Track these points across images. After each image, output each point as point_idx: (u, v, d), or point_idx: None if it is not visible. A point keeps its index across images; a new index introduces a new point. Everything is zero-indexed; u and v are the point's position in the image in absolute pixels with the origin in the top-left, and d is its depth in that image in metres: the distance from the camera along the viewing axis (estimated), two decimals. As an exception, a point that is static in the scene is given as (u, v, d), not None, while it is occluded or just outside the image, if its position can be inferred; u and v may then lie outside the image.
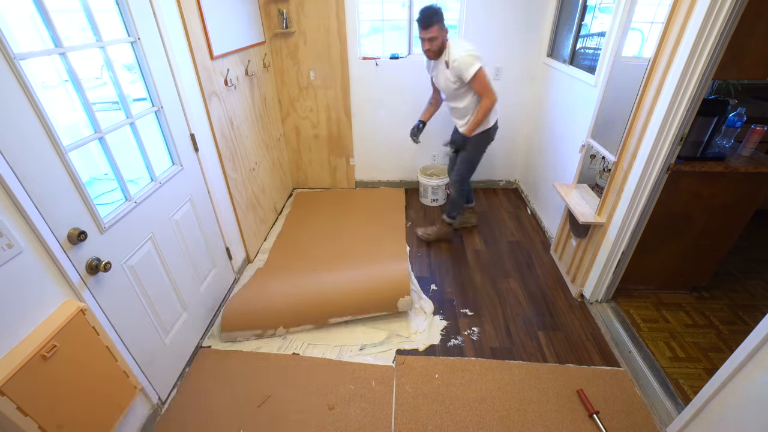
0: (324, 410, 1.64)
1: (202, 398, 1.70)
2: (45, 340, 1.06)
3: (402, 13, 2.90)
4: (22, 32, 1.36)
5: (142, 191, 1.55)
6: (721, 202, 1.84)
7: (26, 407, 1.01)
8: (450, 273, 2.46)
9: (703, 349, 1.85)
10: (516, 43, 2.88)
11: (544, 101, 2.89)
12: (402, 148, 3.38)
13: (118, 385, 1.36)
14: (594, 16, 2.24)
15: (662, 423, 1.54)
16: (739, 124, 1.90)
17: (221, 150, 2.13)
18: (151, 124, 1.65)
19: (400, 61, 2.99)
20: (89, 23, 1.32)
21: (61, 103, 1.80)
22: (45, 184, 1.12)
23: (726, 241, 1.95)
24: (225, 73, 2.18)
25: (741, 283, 2.26)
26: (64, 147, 1.18)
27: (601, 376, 1.75)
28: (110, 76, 1.42)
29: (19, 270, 1.05)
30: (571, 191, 2.20)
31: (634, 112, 1.68)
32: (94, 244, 1.29)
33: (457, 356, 1.88)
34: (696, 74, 1.43)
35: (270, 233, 2.91)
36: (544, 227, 2.87)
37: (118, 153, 1.43)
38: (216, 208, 2.11)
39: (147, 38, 1.54)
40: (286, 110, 3.20)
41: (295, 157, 3.44)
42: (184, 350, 1.83)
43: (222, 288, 2.22)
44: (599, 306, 2.11)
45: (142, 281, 1.53)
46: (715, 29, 1.35)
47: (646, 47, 1.67)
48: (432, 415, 1.62)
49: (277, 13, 2.76)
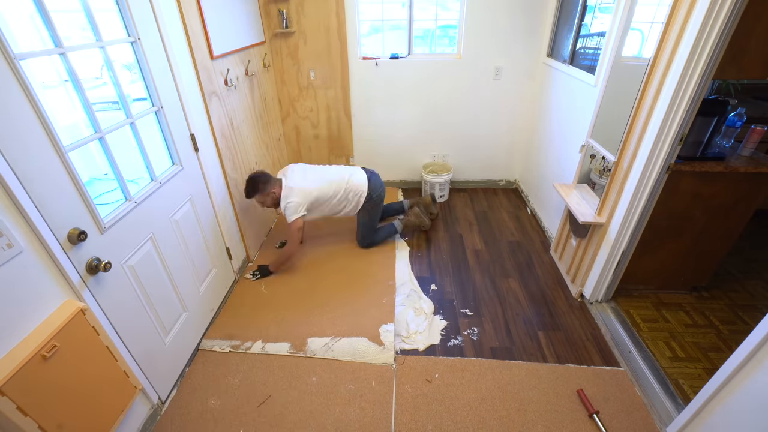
0: (324, 410, 1.64)
1: (202, 398, 1.70)
2: (45, 340, 1.06)
3: (402, 13, 2.90)
4: (22, 32, 1.36)
5: (142, 191, 1.55)
6: (721, 202, 1.84)
7: (26, 407, 1.01)
8: (450, 273, 2.46)
9: (703, 349, 1.85)
10: (516, 43, 2.88)
11: (544, 101, 2.89)
12: (402, 148, 3.38)
13: (118, 385, 1.36)
14: (594, 16, 2.24)
15: (662, 423, 1.54)
16: (739, 124, 1.90)
17: (221, 150, 2.13)
18: (151, 124, 1.65)
19: (400, 61, 2.99)
20: (89, 23, 1.32)
21: (62, 103, 1.80)
22: (45, 184, 1.12)
23: (726, 241, 1.95)
24: (225, 73, 2.18)
25: (741, 283, 2.26)
26: (64, 147, 1.18)
27: (601, 376, 1.75)
28: (110, 76, 1.42)
29: (19, 270, 1.05)
30: (571, 191, 2.20)
31: (634, 112, 1.68)
32: (94, 244, 1.29)
33: (457, 356, 1.88)
34: (696, 74, 1.43)
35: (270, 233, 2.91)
36: (544, 227, 2.87)
37: (118, 153, 1.43)
38: (216, 208, 2.11)
39: (147, 38, 1.54)
40: (286, 110, 3.20)
41: (295, 157, 3.44)
42: (184, 350, 1.83)
43: (222, 288, 2.22)
44: (599, 306, 2.11)
45: (142, 281, 1.53)
46: (715, 29, 1.35)
47: (646, 47, 1.67)
48: (432, 415, 1.62)
49: (277, 13, 2.76)
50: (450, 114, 3.19)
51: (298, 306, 2.19)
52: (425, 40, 3.15)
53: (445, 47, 3.14)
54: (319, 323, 2.06)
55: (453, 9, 2.89)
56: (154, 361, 1.60)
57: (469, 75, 3.01)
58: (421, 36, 3.09)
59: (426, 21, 2.99)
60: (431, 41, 3.16)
